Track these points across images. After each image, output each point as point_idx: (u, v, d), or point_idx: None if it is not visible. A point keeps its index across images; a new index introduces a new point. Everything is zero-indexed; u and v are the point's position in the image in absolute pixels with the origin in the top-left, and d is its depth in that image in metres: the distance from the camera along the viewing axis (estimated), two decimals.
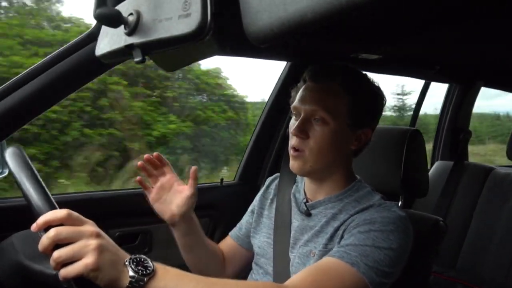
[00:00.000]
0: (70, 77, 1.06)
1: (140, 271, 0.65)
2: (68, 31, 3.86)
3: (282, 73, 1.66)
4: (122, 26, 0.59)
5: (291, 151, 0.98)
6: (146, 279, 0.65)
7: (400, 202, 1.28)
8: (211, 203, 1.62)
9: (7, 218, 1.14)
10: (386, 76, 1.77)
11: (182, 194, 0.99)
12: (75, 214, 0.66)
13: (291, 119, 1.02)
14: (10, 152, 0.78)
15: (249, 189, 1.22)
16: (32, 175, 0.72)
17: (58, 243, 0.63)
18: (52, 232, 0.62)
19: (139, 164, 0.99)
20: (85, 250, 0.62)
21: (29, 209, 0.70)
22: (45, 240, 0.62)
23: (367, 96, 0.99)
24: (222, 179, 1.69)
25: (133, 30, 0.58)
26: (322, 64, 1.01)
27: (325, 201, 1.01)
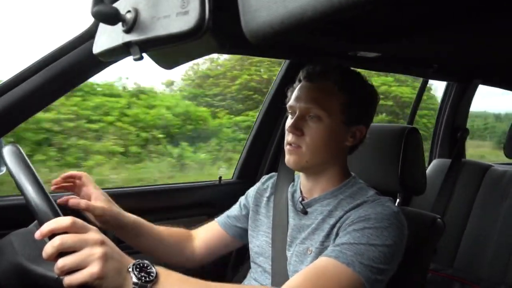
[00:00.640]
0: (68, 75, 1.06)
1: (143, 278, 0.66)
2: None
3: (279, 72, 1.66)
4: (120, 24, 0.59)
5: (287, 147, 1.00)
6: (149, 286, 0.66)
7: (398, 200, 1.28)
8: (209, 201, 1.62)
9: (5, 216, 1.13)
10: None
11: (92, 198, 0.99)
12: (80, 221, 0.66)
13: (287, 118, 1.03)
14: (7, 150, 0.77)
15: (247, 187, 1.23)
16: (31, 175, 0.71)
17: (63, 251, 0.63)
18: (57, 241, 0.62)
19: (53, 188, 0.99)
20: (90, 259, 0.63)
21: (26, 208, 0.69)
22: (50, 248, 0.62)
23: (361, 94, 1.01)
24: (220, 177, 1.69)
25: (131, 27, 0.58)
26: (317, 64, 1.03)
27: (320, 198, 1.02)
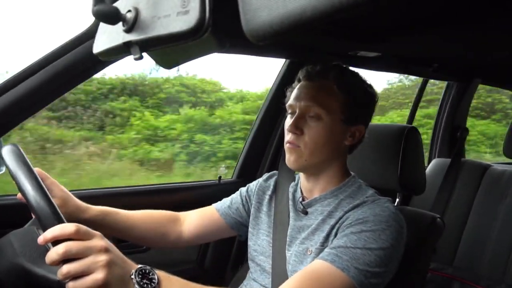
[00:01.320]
0: (68, 74, 1.06)
1: (145, 284, 0.66)
2: None
3: (280, 71, 1.66)
4: (120, 23, 0.59)
5: (287, 145, 1.00)
6: None
7: (397, 200, 1.28)
8: (209, 200, 1.62)
9: (4, 215, 1.13)
10: None
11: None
12: (84, 228, 0.66)
13: (287, 118, 1.03)
14: (7, 149, 0.77)
15: None
16: (31, 175, 0.71)
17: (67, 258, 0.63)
18: (62, 248, 0.62)
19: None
20: (94, 266, 0.63)
21: (26, 207, 0.69)
22: (54, 255, 0.63)
23: (360, 93, 1.01)
24: (220, 177, 1.69)
25: (131, 27, 0.58)
26: (316, 64, 1.03)
27: (320, 198, 1.02)
